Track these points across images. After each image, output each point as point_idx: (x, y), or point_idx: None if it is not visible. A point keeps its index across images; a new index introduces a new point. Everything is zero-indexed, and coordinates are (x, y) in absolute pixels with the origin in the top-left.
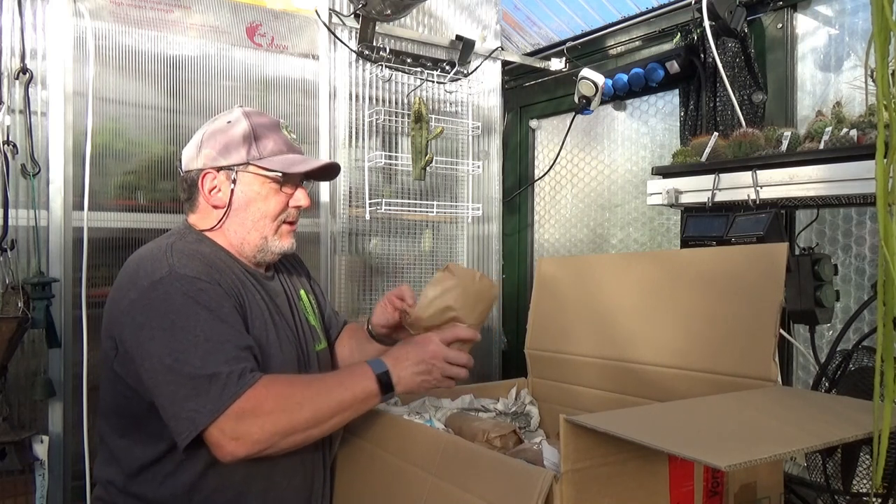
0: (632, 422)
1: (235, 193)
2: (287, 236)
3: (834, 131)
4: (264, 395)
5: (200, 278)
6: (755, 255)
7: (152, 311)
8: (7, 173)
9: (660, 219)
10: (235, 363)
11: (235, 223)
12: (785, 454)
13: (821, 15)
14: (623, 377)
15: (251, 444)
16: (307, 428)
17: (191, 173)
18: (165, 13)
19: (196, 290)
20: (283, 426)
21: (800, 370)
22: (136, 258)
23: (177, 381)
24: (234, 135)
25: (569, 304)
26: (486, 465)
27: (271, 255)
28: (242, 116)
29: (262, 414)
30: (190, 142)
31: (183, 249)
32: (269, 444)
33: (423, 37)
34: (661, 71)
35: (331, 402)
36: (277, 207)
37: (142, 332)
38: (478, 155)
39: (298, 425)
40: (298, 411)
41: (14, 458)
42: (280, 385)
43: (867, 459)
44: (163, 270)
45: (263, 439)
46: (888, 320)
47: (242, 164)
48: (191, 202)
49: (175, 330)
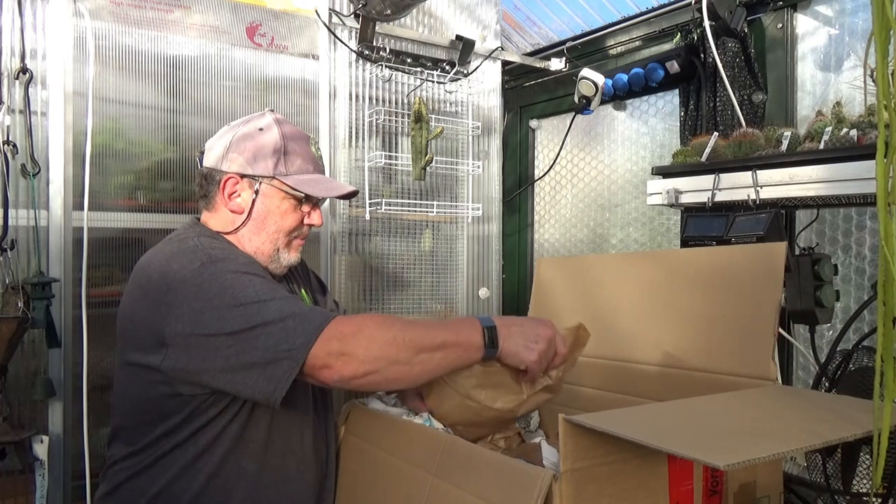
0: (631, 421)
1: (256, 204)
2: (295, 251)
3: (834, 131)
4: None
5: (238, 259)
6: (755, 254)
7: (206, 293)
8: (7, 173)
9: (660, 219)
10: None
11: (251, 231)
12: (784, 453)
13: (821, 15)
14: (622, 377)
15: (358, 363)
16: (411, 358)
17: (211, 171)
18: (165, 13)
19: (240, 265)
20: (389, 351)
21: (800, 370)
22: (159, 258)
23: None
24: (265, 145)
25: (568, 305)
26: (485, 465)
27: (280, 268)
28: (274, 124)
29: (365, 336)
30: (216, 137)
31: (211, 242)
32: (374, 368)
33: (423, 37)
34: (661, 71)
35: (435, 337)
36: (293, 224)
37: (204, 315)
38: (478, 155)
39: (403, 353)
40: (402, 339)
41: (14, 458)
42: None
43: (867, 459)
44: (201, 258)
45: (370, 359)
46: (888, 320)
47: (268, 177)
48: (207, 199)
49: (238, 297)
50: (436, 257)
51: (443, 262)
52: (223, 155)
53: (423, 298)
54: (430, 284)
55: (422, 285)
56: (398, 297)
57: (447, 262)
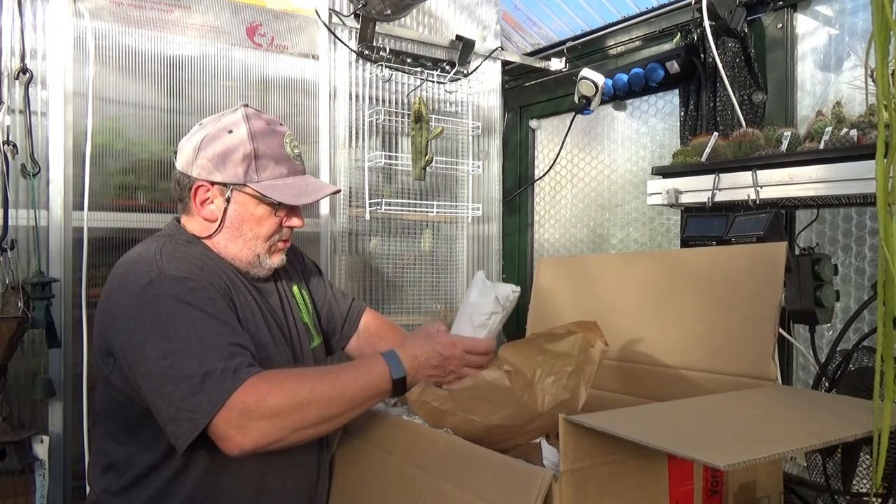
0: (631, 421)
1: (228, 212)
2: (279, 254)
3: (834, 131)
4: (266, 389)
5: (190, 278)
6: (755, 254)
7: (144, 315)
8: (7, 173)
9: (660, 219)
10: (231, 359)
11: (226, 238)
12: (784, 453)
13: (821, 15)
14: (622, 377)
15: (259, 435)
16: (317, 423)
17: (183, 177)
18: (165, 13)
19: (187, 290)
20: (292, 421)
21: (800, 370)
22: (126, 261)
23: (172, 382)
24: (234, 149)
25: (568, 305)
26: (485, 465)
27: (263, 271)
28: (243, 122)
29: (267, 407)
30: (188, 137)
31: (172, 252)
32: (277, 438)
33: (423, 37)
34: (661, 71)
35: (343, 399)
36: (271, 230)
37: (134, 336)
38: (478, 155)
39: (308, 420)
40: (307, 406)
41: (14, 458)
42: (286, 380)
43: (867, 459)
44: (152, 273)
45: (272, 432)
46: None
47: (238, 184)
48: (183, 203)
49: (168, 332)
50: (436, 257)
51: (443, 262)
52: (192, 160)
53: (423, 298)
54: (430, 284)
55: (422, 285)
56: (398, 297)
57: (447, 262)
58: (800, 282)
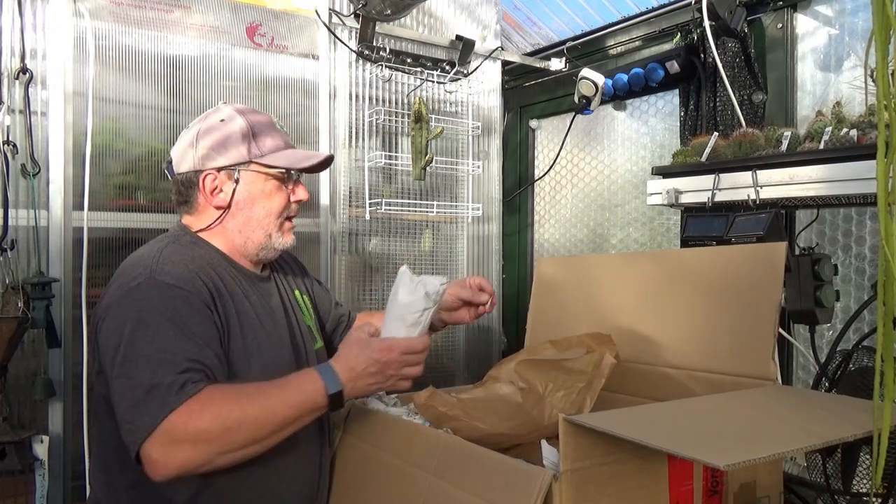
0: (631, 421)
1: (238, 193)
2: (289, 233)
3: (834, 131)
4: (197, 411)
5: (177, 286)
6: (755, 254)
7: (120, 317)
8: (7, 173)
9: (660, 219)
10: (182, 374)
11: (239, 222)
12: (784, 453)
13: (821, 15)
14: (622, 377)
15: (183, 461)
16: (245, 446)
17: (187, 175)
18: (165, 13)
19: (167, 299)
20: (219, 445)
21: (800, 370)
22: (127, 261)
23: (124, 391)
24: (231, 132)
25: (568, 304)
26: (484, 465)
27: (273, 252)
28: (236, 113)
29: (194, 429)
30: (178, 143)
31: (171, 255)
32: (202, 462)
33: (423, 37)
34: (661, 71)
35: (274, 420)
36: (281, 204)
37: (110, 338)
38: (478, 155)
39: (237, 443)
40: (237, 429)
41: (14, 458)
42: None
43: (867, 459)
44: (141, 277)
45: (196, 457)
46: (888, 320)
47: (244, 162)
48: (188, 204)
49: (133, 339)
50: (436, 257)
51: (443, 262)
52: (191, 154)
53: None
54: None
55: None
56: None
57: (447, 262)
58: (800, 282)
